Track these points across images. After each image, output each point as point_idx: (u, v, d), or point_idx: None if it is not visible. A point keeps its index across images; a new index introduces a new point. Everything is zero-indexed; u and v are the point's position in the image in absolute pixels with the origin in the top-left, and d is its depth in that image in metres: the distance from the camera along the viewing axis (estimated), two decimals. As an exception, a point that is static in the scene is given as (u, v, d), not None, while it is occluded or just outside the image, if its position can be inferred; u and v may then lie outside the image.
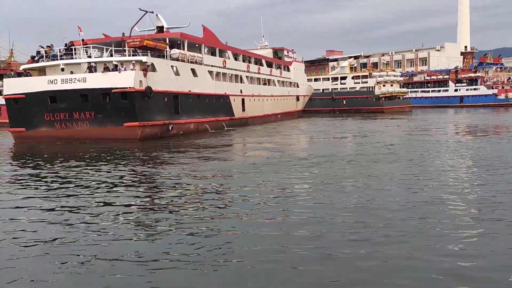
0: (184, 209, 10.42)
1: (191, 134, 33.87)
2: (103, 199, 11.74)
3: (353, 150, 22.11)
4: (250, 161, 18.40)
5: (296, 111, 63.78)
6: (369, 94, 73.72)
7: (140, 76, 29.49)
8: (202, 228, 8.86)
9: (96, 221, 9.65)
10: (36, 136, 30.02)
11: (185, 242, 8.09)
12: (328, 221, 9.13)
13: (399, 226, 8.75)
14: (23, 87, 30.23)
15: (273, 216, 9.69)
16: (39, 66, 32.06)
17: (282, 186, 12.92)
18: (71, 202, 11.52)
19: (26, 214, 10.45)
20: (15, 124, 30.88)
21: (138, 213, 10.31)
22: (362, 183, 12.98)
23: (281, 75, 58.14)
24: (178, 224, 9.22)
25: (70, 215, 10.19)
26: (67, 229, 9.12)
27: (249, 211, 10.16)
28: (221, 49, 42.34)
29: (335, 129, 38.16)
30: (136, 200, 11.61)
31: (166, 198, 11.70)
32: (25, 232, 9.00)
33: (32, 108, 29.98)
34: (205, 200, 11.41)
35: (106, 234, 8.72)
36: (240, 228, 8.93)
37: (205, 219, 9.60)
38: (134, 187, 13.41)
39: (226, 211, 10.27)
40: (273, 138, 30.66)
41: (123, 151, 23.55)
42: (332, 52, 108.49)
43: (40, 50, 32.07)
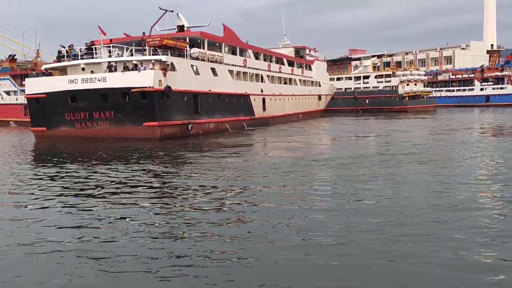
0: (203, 210, 10.03)
1: (211, 134, 33.35)
2: (120, 200, 11.38)
3: (377, 150, 21.26)
4: (271, 162, 17.71)
5: (318, 111, 62.78)
6: (392, 93, 72.44)
7: (160, 75, 29.09)
8: (222, 230, 8.60)
9: (113, 223, 9.38)
10: (57, 136, 29.91)
11: (205, 244, 7.77)
12: (352, 226, 8.59)
13: (427, 229, 8.21)
14: (44, 86, 30.15)
15: (295, 220, 9.16)
16: (60, 65, 31.97)
17: (304, 187, 12.33)
18: (91, 202, 11.26)
19: (44, 214, 10.22)
20: (36, 123, 30.84)
21: (158, 214, 9.97)
22: (387, 185, 12.26)
23: (302, 74, 57.22)
24: (196, 226, 8.88)
25: (90, 215, 9.97)
26: (88, 229, 8.91)
27: (270, 214, 9.68)
28: (241, 48, 41.71)
29: (358, 128, 37.22)
30: (154, 201, 11.28)
31: (185, 200, 11.26)
32: (41, 234, 8.72)
33: (53, 107, 29.87)
34: (225, 202, 11.00)
35: (124, 233, 8.50)
36: (262, 231, 8.49)
37: (225, 220, 9.28)
38: (153, 188, 12.97)
39: (246, 213, 9.82)
40: (294, 138, 29.92)
41: (142, 151, 23.18)
42: (354, 51, 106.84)
43: (61, 50, 31.99)
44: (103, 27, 30.74)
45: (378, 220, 8.84)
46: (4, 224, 9.52)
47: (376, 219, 8.91)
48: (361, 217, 9.08)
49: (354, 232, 8.17)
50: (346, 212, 9.55)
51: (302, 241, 7.83)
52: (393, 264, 6.71)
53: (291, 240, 7.83)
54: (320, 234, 8.10)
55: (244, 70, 41.09)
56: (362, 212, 9.48)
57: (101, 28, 30.67)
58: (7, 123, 58.87)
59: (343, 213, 9.47)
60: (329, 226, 8.57)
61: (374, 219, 8.91)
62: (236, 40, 40.80)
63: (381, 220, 8.87)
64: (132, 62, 29.80)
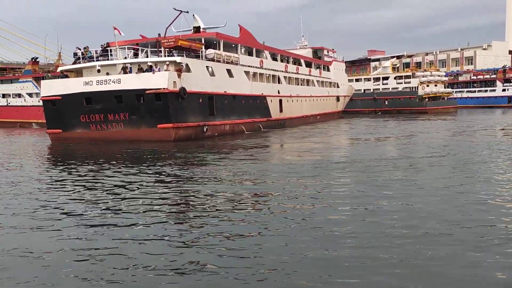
0: (219, 215, 9.72)
1: (227, 135, 32.60)
2: (133, 204, 10.97)
3: (397, 153, 20.24)
4: (287, 164, 16.98)
5: (336, 112, 61.54)
6: (412, 94, 71.01)
7: (174, 77, 28.45)
8: (237, 234, 8.33)
9: (128, 225, 9.19)
10: (72, 138, 29.51)
11: (220, 249, 7.54)
12: (372, 234, 8.06)
13: (452, 237, 7.78)
14: (60, 88, 29.79)
15: (313, 226, 8.69)
16: (76, 67, 31.60)
17: (322, 192, 11.71)
18: (107, 204, 11.06)
19: (60, 217, 10.04)
20: (52, 125, 30.49)
21: (174, 223, 9.45)
22: (408, 191, 11.42)
23: (320, 75, 56.05)
24: (213, 230, 8.61)
25: (102, 219, 9.75)
26: (104, 232, 8.76)
27: (288, 220, 9.21)
28: (258, 49, 40.83)
29: (377, 130, 36.09)
30: (169, 207, 10.78)
31: (201, 205, 10.78)
32: (52, 237, 8.53)
33: (68, 109, 29.48)
34: (241, 205, 10.60)
35: (137, 238, 8.26)
36: (278, 236, 8.17)
37: (241, 224, 9.02)
38: (166, 193, 12.31)
39: (262, 218, 9.41)
40: (311, 140, 29.02)
41: (155, 153, 22.59)
42: (374, 52, 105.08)
43: (77, 52, 31.61)
44: (123, 29, 30.31)
45: (397, 232, 8.08)
46: (11, 228, 9.27)
47: (395, 232, 8.16)
48: (380, 228, 8.41)
49: (373, 246, 7.45)
50: (364, 223, 8.81)
51: (324, 253, 7.27)
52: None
53: (313, 252, 7.29)
54: (342, 244, 7.58)
55: (261, 71, 40.24)
56: (381, 223, 8.74)
57: (117, 28, 30.16)
58: (29, 124, 59.16)
59: (361, 224, 8.77)
60: (350, 235, 8.05)
61: (393, 231, 8.21)
62: (253, 41, 39.97)
63: (399, 232, 8.14)
64: (147, 63, 29.24)
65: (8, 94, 62.15)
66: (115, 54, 31.48)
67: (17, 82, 61.56)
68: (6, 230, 9.11)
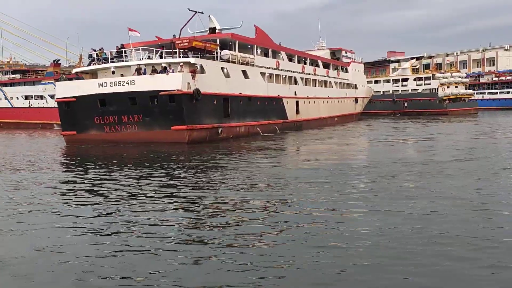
0: (234, 220, 9.24)
1: (242, 137, 31.70)
2: (147, 207, 10.57)
3: (417, 157, 19.09)
4: (304, 168, 16.26)
5: (354, 114, 60.10)
6: (432, 96, 69.47)
7: (188, 78, 27.67)
8: (252, 240, 7.93)
9: (138, 232, 8.70)
10: (87, 139, 28.97)
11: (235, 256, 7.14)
12: (391, 246, 7.40)
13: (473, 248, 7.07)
14: (74, 90, 29.30)
15: (329, 234, 8.16)
16: (91, 69, 31.10)
17: (339, 198, 11.00)
18: (119, 207, 10.64)
19: (71, 220, 9.71)
20: (66, 127, 30.02)
21: (186, 223, 9.21)
22: (427, 198, 10.54)
23: (338, 77, 54.73)
24: (227, 236, 8.18)
25: (116, 221, 9.43)
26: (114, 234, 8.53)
27: (304, 227, 8.68)
28: (274, 50, 39.80)
29: (397, 132, 34.86)
30: (182, 212, 10.24)
31: (213, 209, 10.35)
32: (68, 238, 8.40)
33: (82, 111, 28.96)
34: (255, 210, 10.10)
35: (152, 242, 7.93)
36: (294, 243, 7.70)
37: (256, 230, 8.53)
38: (179, 197, 11.68)
39: (277, 224, 8.92)
40: (329, 142, 28.02)
41: (168, 155, 21.92)
42: (393, 53, 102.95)
43: (92, 54, 31.10)
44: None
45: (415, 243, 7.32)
46: (26, 229, 9.02)
47: (414, 243, 7.47)
48: (397, 240, 7.72)
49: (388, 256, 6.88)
50: (382, 234, 8.07)
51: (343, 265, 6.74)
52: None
53: (330, 263, 6.79)
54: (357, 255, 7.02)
55: (277, 73, 39.22)
56: (399, 234, 8.03)
57: (132, 29, 29.49)
58: (51, 126, 59.26)
59: (379, 233, 8.11)
60: (366, 244, 7.55)
61: (412, 241, 7.56)
62: (269, 41, 38.98)
63: (418, 243, 7.45)
64: (161, 65, 28.53)
65: (30, 95, 62.40)
66: (130, 55, 30.87)
67: (39, 84, 61.75)
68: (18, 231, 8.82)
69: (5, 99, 65.05)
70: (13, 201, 11.77)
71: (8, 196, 12.38)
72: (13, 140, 39.52)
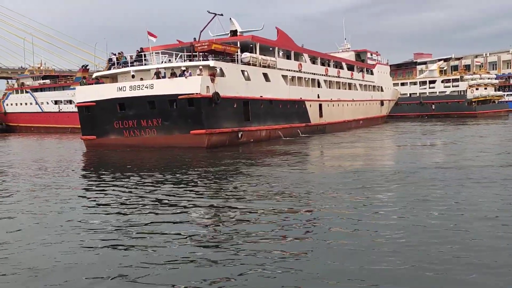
0: (254, 230, 8.63)
1: (263, 141, 30.53)
2: (167, 216, 10.08)
3: (446, 162, 17.48)
4: (327, 174, 15.44)
5: (380, 117, 58.08)
6: (461, 98, 66.99)
7: (207, 81, 26.70)
8: (273, 247, 7.60)
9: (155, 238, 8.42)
10: (106, 144, 28.36)
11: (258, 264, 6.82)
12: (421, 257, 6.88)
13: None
14: (94, 94, 28.72)
15: (354, 243, 7.62)
16: (111, 73, 30.50)
17: (364, 206, 10.32)
18: (138, 215, 10.21)
19: (90, 225, 9.51)
20: (86, 131, 29.47)
21: (206, 231, 8.80)
22: (457, 208, 9.69)
23: (363, 79, 52.84)
24: (249, 244, 7.75)
25: (135, 229, 9.13)
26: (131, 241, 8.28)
27: (329, 235, 8.19)
28: (296, 52, 38.43)
29: (424, 136, 33.14)
30: (201, 223, 9.55)
31: (233, 217, 9.79)
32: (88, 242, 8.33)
33: (102, 115, 28.36)
34: (277, 218, 9.55)
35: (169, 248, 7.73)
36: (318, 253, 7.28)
37: (278, 237, 8.17)
38: (198, 207, 10.93)
39: (300, 231, 8.49)
40: (353, 146, 26.65)
41: (187, 160, 21.25)
42: (420, 55, 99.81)
43: (112, 58, 30.49)
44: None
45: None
46: (48, 233, 8.95)
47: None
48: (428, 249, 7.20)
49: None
50: (410, 244, 7.48)
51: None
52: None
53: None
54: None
55: (299, 75, 37.85)
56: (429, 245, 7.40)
57: (151, 33, 28.73)
58: (79, 130, 59.44)
59: (407, 244, 7.51)
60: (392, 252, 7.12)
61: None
62: (291, 43, 37.66)
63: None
64: (181, 68, 27.65)
65: (60, 100, 62.84)
66: (150, 59, 30.13)
67: (68, 89, 62.07)
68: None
69: (36, 104, 65.78)
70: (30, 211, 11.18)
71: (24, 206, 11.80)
72: (37, 144, 39.43)
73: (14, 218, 10.38)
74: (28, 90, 66.84)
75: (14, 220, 10.23)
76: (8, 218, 10.45)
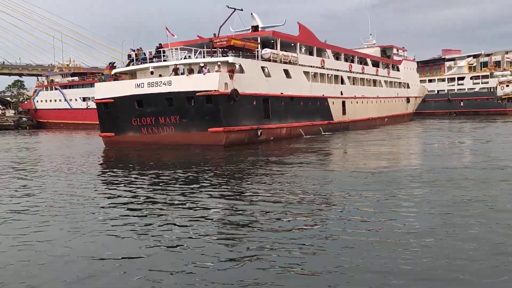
0: (273, 234, 8.00)
1: (283, 140, 29.22)
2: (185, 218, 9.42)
3: (475, 163, 16.02)
4: (350, 174, 14.37)
5: (406, 114, 55.85)
6: (490, 95, 64.44)
7: (226, 78, 25.55)
8: (296, 249, 7.14)
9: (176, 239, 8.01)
10: (124, 141, 27.58)
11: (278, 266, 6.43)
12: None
13: None
14: (113, 91, 27.96)
15: (378, 248, 7.11)
16: (130, 69, 29.66)
17: (389, 209, 9.47)
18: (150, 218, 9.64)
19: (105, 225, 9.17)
20: (105, 129, 28.74)
21: (225, 239, 8.05)
22: (488, 214, 8.79)
23: (388, 75, 50.66)
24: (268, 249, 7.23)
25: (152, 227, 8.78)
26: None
27: (352, 240, 7.65)
28: (319, 48, 36.79)
29: (453, 133, 31.36)
30: (220, 227, 8.85)
31: (248, 215, 9.31)
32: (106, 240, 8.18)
33: (120, 112, 27.57)
34: (299, 221, 8.93)
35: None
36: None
37: (301, 239, 7.64)
38: (216, 210, 10.20)
39: (323, 233, 7.95)
40: (377, 145, 25.17)
41: (204, 159, 20.26)
42: (448, 51, 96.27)
43: (131, 54, 29.66)
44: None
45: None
46: (66, 231, 8.73)
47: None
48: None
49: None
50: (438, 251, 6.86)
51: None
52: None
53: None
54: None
55: (322, 72, 36.28)
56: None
57: (169, 30, 27.80)
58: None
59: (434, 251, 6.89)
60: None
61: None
62: (313, 39, 36.07)
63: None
64: (199, 64, 26.57)
65: (88, 97, 62.87)
66: (170, 55, 29.14)
67: (96, 86, 62.09)
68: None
69: (65, 101, 66.14)
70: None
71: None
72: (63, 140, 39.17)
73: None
74: (57, 87, 67.28)
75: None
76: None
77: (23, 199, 11.87)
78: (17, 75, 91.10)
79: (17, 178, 15.85)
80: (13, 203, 11.52)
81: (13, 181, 15.22)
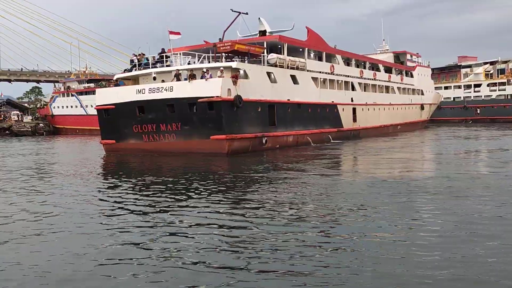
0: (282, 245, 7.58)
1: (290, 148, 27.46)
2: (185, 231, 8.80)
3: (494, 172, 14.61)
4: (359, 186, 13.26)
5: (420, 121, 53.44)
6: (507, 102, 62.12)
7: (229, 84, 23.98)
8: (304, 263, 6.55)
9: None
10: (125, 149, 26.23)
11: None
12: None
13: None
14: (113, 97, 26.64)
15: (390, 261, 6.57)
16: (133, 75, 28.33)
17: (402, 221, 8.93)
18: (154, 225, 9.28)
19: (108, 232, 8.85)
20: (106, 135, 27.42)
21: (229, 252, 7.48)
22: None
23: (402, 82, 48.34)
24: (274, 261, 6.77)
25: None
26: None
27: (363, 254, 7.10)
28: (328, 53, 34.92)
29: (469, 142, 29.29)
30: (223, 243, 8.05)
31: (258, 235, 8.38)
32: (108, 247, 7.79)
33: (121, 119, 26.23)
34: (306, 235, 8.20)
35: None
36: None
37: (308, 252, 7.11)
38: (219, 224, 9.33)
39: (332, 246, 7.44)
40: (390, 153, 23.42)
41: (205, 168, 18.95)
42: (464, 58, 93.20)
43: (133, 59, 28.32)
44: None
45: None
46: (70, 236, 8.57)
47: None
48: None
49: None
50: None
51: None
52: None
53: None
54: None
55: (331, 78, 34.41)
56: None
57: (172, 31, 26.24)
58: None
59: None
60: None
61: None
62: (322, 44, 34.23)
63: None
64: (202, 70, 25.06)
65: (102, 103, 62.05)
66: (174, 60, 27.68)
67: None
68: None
69: (81, 107, 65.51)
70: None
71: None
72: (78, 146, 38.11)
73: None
74: (74, 94, 66.73)
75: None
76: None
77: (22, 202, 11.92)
78: (34, 82, 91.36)
79: (18, 181, 15.72)
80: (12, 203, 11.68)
81: (13, 182, 15.16)
